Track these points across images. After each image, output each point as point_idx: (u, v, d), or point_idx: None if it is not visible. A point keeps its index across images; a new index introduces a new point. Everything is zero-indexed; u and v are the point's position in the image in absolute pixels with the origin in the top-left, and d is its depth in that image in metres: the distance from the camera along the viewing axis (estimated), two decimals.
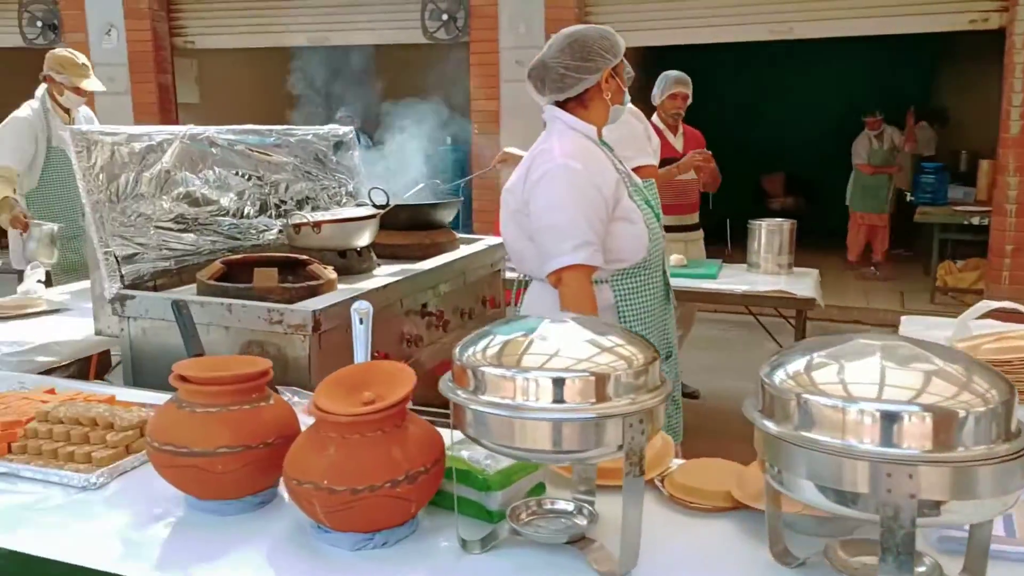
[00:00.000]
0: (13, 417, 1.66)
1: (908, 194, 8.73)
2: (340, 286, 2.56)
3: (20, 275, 3.91)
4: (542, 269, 2.24)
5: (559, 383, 1.13)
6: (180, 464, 1.34)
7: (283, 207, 3.23)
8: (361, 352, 1.39)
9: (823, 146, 10.93)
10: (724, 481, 1.42)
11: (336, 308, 2.28)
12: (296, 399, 1.84)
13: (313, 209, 3.38)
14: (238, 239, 2.96)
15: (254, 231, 3.05)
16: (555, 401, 1.13)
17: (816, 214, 10.32)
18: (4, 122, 4.26)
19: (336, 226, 2.91)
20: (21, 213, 3.98)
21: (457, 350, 1.26)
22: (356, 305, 1.42)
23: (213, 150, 2.90)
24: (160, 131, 2.70)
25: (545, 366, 1.14)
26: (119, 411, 1.66)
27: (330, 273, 2.57)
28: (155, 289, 2.51)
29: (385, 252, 3.14)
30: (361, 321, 1.40)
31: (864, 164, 8.84)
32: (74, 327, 2.81)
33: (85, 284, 3.63)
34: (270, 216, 3.17)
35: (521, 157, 3.79)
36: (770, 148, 11.45)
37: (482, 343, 1.25)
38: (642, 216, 2.25)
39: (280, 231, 3.15)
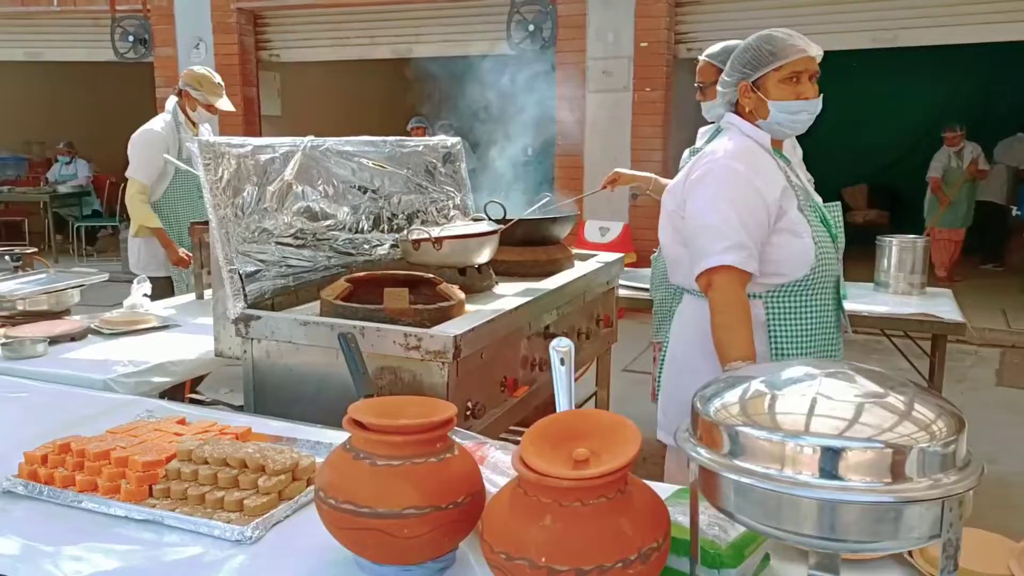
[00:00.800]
0: (153, 456, 1.51)
1: (1014, 208, 8.24)
2: (467, 307, 2.38)
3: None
4: (694, 274, 2.10)
5: (847, 454, 0.91)
6: (361, 526, 1.16)
7: (394, 221, 3.08)
8: (564, 398, 1.19)
9: (908, 157, 10.46)
10: (996, 558, 1.18)
11: (474, 333, 2.10)
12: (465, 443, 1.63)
13: (422, 223, 3.22)
14: (351, 255, 2.81)
15: (367, 246, 2.90)
16: (833, 476, 0.91)
17: (899, 227, 9.85)
18: (138, 135, 4.26)
19: (457, 242, 2.74)
20: (185, 254, 4.11)
21: (698, 401, 1.06)
22: (556, 343, 1.22)
23: (332, 162, 2.75)
24: (282, 143, 2.56)
25: (838, 432, 0.92)
26: (270, 452, 1.49)
27: (458, 293, 2.39)
28: (272, 308, 2.37)
29: (500, 269, 2.96)
30: (563, 361, 1.20)
31: (936, 178, 8.41)
32: (185, 345, 2.69)
33: (189, 298, 3.55)
34: (383, 230, 3.01)
35: (633, 178, 3.61)
36: (852, 158, 11.00)
37: (733, 394, 1.04)
38: (811, 232, 2.06)
39: (393, 246, 3.00)
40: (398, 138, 3.22)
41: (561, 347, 1.22)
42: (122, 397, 2.18)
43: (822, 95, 2.11)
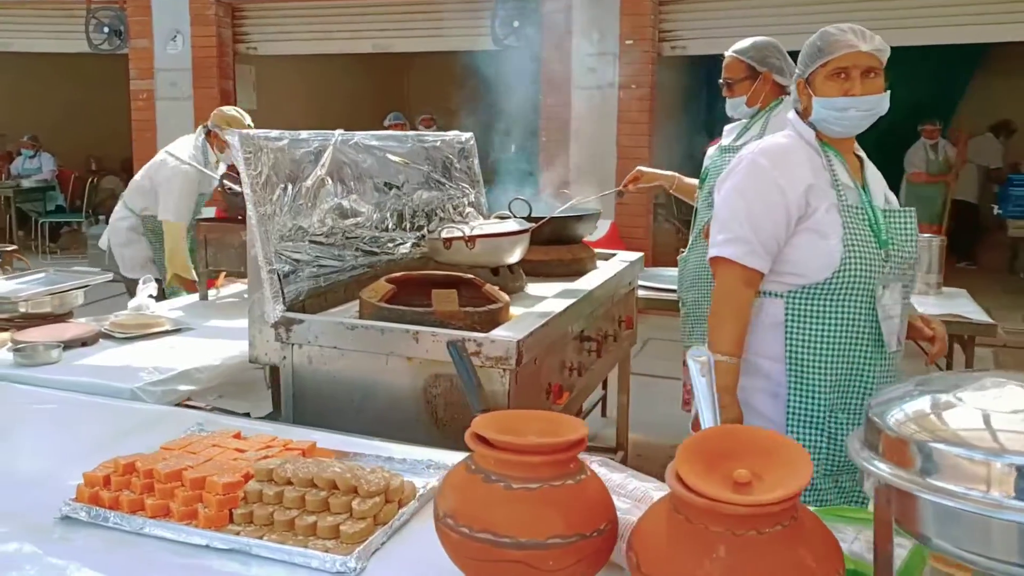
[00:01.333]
0: (230, 477, 1.39)
1: (995, 208, 8.39)
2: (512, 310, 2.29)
3: (130, 286, 3.71)
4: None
5: None
6: (500, 558, 1.06)
7: (415, 219, 2.97)
8: (709, 413, 1.11)
9: (875, 154, 10.58)
10: None
11: (533, 338, 2.01)
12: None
13: (440, 221, 3.12)
14: (376, 254, 2.70)
15: (391, 244, 2.79)
16: None
17: None
18: (172, 178, 3.99)
19: (490, 241, 2.64)
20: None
21: (874, 412, 0.98)
22: (693, 352, 1.14)
23: (360, 157, 2.64)
24: (315, 136, 2.44)
25: None
26: (359, 472, 1.39)
27: (503, 295, 2.29)
28: (303, 311, 2.25)
29: (525, 269, 2.88)
30: (703, 372, 1.12)
31: (920, 172, 8.55)
32: (205, 350, 2.55)
33: (192, 299, 3.39)
34: (404, 228, 2.90)
35: (655, 176, 3.53)
36: None
37: (916, 405, 0.97)
38: (842, 235, 1.97)
39: (414, 245, 2.89)
40: (417, 132, 3.11)
41: (699, 357, 1.14)
42: (162, 408, 2.05)
43: (887, 92, 2.05)
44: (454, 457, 1.66)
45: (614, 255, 3.30)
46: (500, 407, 1.95)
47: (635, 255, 3.28)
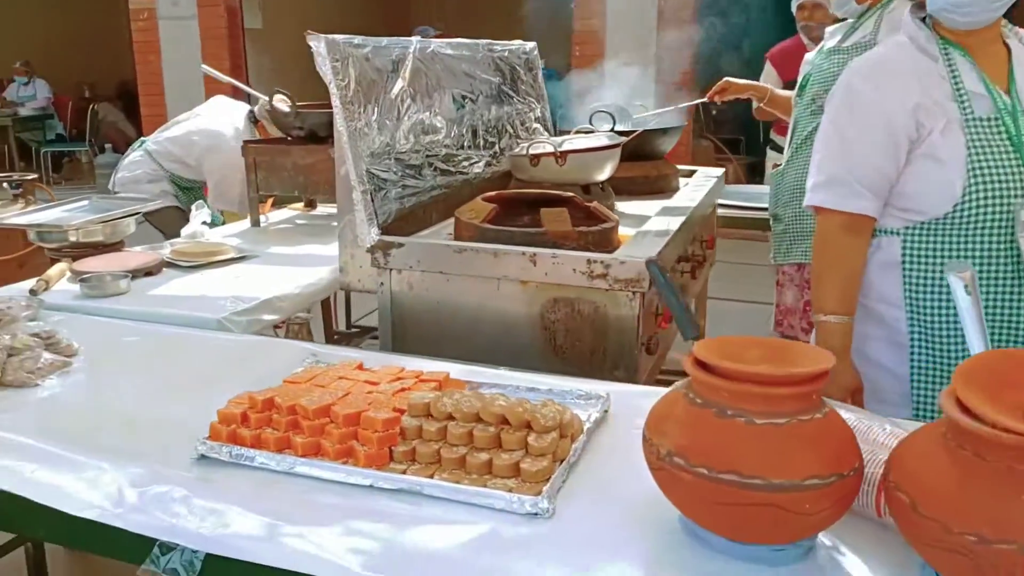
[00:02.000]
0: (385, 412, 1.26)
1: None
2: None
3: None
4: None
5: None
6: (747, 501, 0.93)
7: (487, 136, 2.78)
8: (978, 337, 0.97)
9: None
10: None
11: (661, 259, 1.85)
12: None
13: (510, 137, 2.94)
14: (451, 173, 2.52)
15: (466, 163, 2.61)
16: None
17: None
18: (229, 173, 3.65)
19: (581, 157, 2.47)
20: None
21: None
22: (954, 269, 0.99)
23: (439, 67, 2.44)
24: (393, 43, 2.24)
25: None
26: (530, 405, 1.25)
27: (612, 214, 2.13)
28: (386, 233, 2.09)
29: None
30: (968, 290, 0.97)
31: None
32: (279, 277, 2.40)
33: (243, 225, 3.22)
34: (477, 146, 2.72)
35: (745, 87, 3.30)
36: None
37: None
38: (966, 158, 1.64)
39: (488, 163, 2.72)
40: (487, 41, 2.89)
41: (962, 272, 0.98)
42: (263, 339, 1.92)
43: None
44: (600, 387, 1.54)
45: (694, 171, 3.12)
46: (625, 332, 1.82)
47: (717, 171, 3.10)
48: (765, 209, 3.07)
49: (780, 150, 4.28)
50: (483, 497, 1.14)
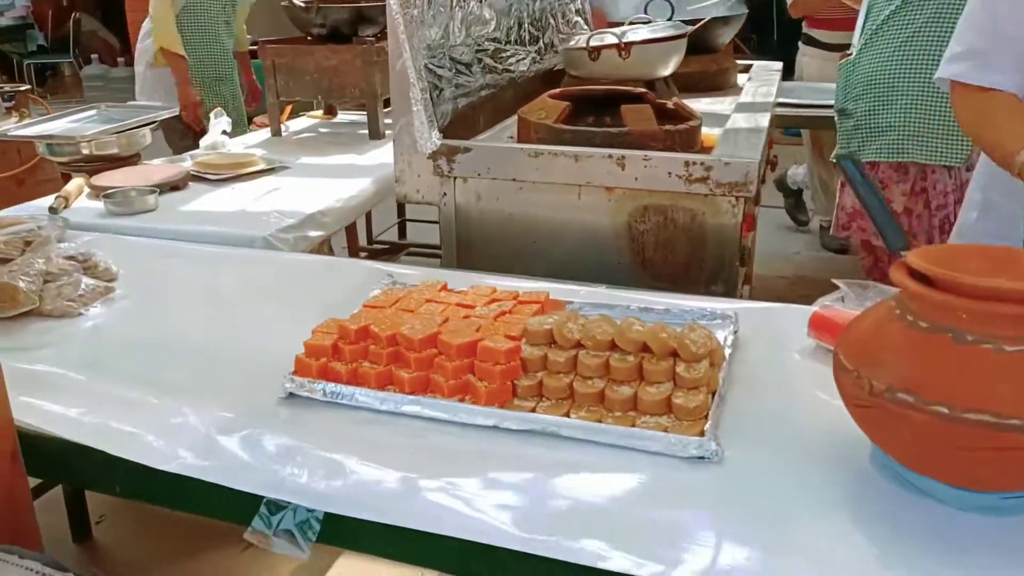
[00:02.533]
0: (504, 342, 1.08)
1: None
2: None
3: None
4: None
5: None
6: (1000, 446, 0.77)
7: (532, 30, 2.53)
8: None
9: None
10: None
11: (761, 158, 1.66)
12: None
13: (554, 31, 2.69)
14: (496, 71, 2.28)
15: (513, 59, 2.37)
16: None
17: None
18: None
19: (646, 48, 2.24)
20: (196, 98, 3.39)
21: None
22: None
23: None
24: None
25: None
26: (676, 331, 1.08)
27: (695, 111, 1.92)
28: (445, 138, 1.87)
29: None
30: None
31: None
32: (314, 190, 2.19)
33: (264, 135, 2.98)
34: (523, 41, 2.47)
35: None
36: None
37: None
38: None
39: (534, 60, 2.47)
40: None
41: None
42: (326, 258, 1.76)
43: None
44: (719, 304, 1.36)
45: (750, 65, 2.88)
46: (726, 241, 1.63)
47: (776, 64, 2.86)
48: (825, 106, 2.85)
49: (817, 45, 4.02)
50: (635, 439, 0.97)
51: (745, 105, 2.16)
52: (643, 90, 2.01)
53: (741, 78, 2.75)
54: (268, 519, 0.90)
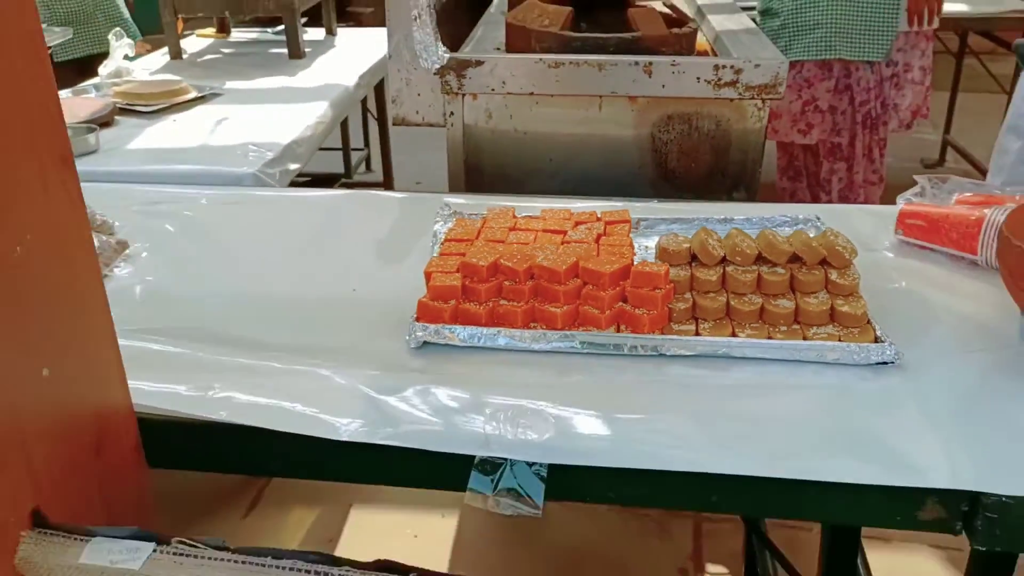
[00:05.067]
0: (653, 266, 1.03)
1: None
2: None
3: None
4: None
5: None
6: None
7: None
8: None
9: None
10: None
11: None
12: None
13: None
14: None
15: None
16: None
17: None
18: None
19: None
20: None
21: None
22: None
23: None
24: None
25: None
26: (823, 238, 1.06)
27: (687, 14, 1.88)
28: None
29: None
30: None
31: None
32: (270, 118, 1.99)
33: (161, 58, 2.67)
34: None
35: None
36: None
37: None
38: None
39: None
40: None
41: None
42: (354, 193, 1.58)
43: None
44: (799, 209, 1.36)
45: None
46: (750, 147, 1.63)
47: None
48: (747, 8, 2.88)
49: None
50: (813, 351, 0.96)
51: (712, 7, 2.14)
52: None
53: None
54: (484, 479, 0.83)
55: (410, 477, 0.89)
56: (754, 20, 2.79)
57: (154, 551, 0.68)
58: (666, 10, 1.87)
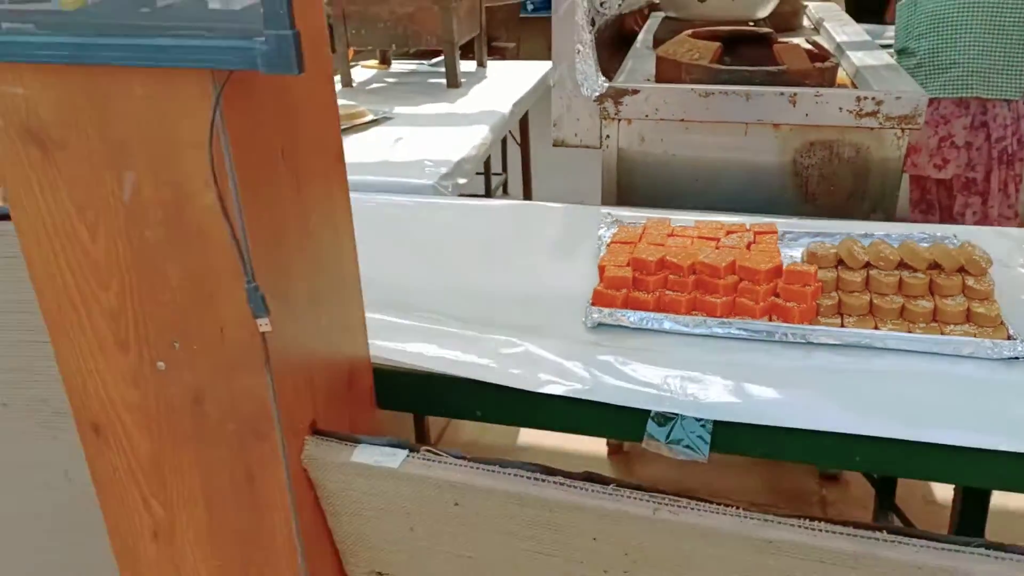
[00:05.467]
0: (805, 266, 1.18)
1: None
2: None
3: None
4: None
5: None
6: None
7: None
8: None
9: None
10: None
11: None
12: None
13: None
14: (597, 10, 2.34)
15: (602, 3, 2.42)
16: None
17: None
18: None
19: None
20: None
21: None
22: None
23: None
24: None
25: None
26: (958, 248, 1.18)
27: (827, 49, 2.01)
28: None
29: None
30: None
31: None
32: (437, 140, 2.23)
33: (336, 84, 2.98)
34: None
35: None
36: None
37: None
38: None
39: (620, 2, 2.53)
40: None
41: None
42: (528, 204, 1.79)
43: None
44: (939, 229, 1.47)
45: (805, 6, 2.97)
46: (888, 175, 1.75)
47: (832, 4, 2.96)
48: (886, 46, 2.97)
49: None
50: (951, 345, 1.08)
51: (852, 44, 2.26)
52: (767, 30, 2.10)
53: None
54: (659, 430, 0.99)
55: (596, 426, 1.06)
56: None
57: (408, 456, 0.88)
58: (808, 47, 2.01)
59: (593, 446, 2.24)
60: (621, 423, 1.02)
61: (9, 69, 0.69)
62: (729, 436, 0.99)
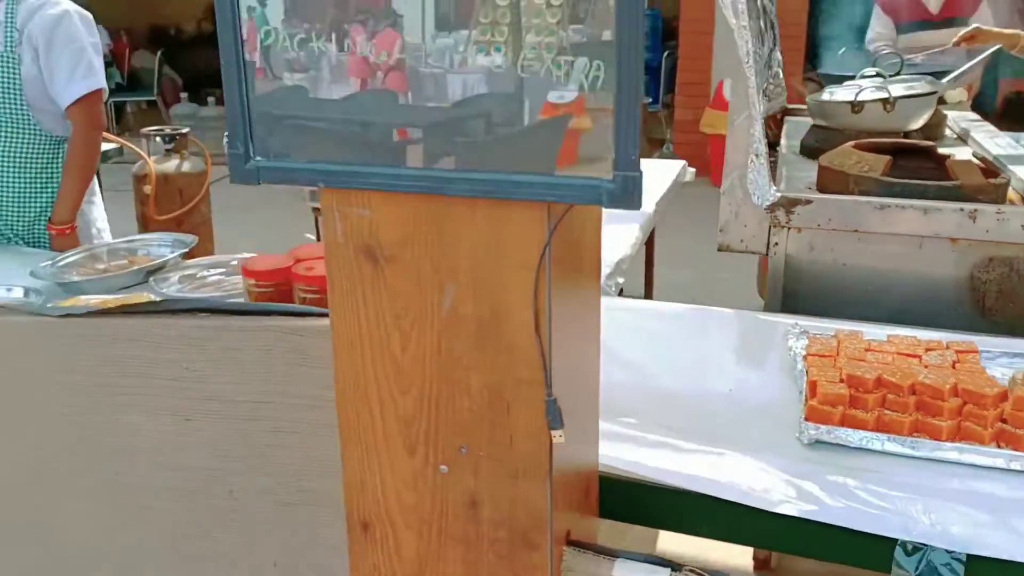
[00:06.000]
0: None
1: None
2: None
3: None
4: None
5: None
6: None
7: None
8: None
9: None
10: None
11: None
12: None
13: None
14: None
15: None
16: None
17: None
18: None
19: (909, 103, 2.33)
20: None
21: None
22: None
23: None
24: None
25: None
26: None
27: (994, 164, 2.00)
28: None
29: None
30: None
31: None
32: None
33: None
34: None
35: (998, 35, 3.06)
36: None
37: None
38: None
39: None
40: None
41: None
42: (706, 309, 1.76)
43: None
44: None
45: (944, 115, 2.97)
46: None
47: (971, 114, 2.95)
48: None
49: None
50: None
51: (1012, 158, 2.24)
52: (930, 143, 2.11)
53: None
54: (908, 560, 0.97)
55: (832, 551, 1.04)
56: None
57: (671, 574, 0.88)
58: (976, 161, 2.00)
59: (740, 559, 2.17)
60: (860, 548, 1.00)
61: (362, 194, 0.76)
62: (980, 571, 0.96)
